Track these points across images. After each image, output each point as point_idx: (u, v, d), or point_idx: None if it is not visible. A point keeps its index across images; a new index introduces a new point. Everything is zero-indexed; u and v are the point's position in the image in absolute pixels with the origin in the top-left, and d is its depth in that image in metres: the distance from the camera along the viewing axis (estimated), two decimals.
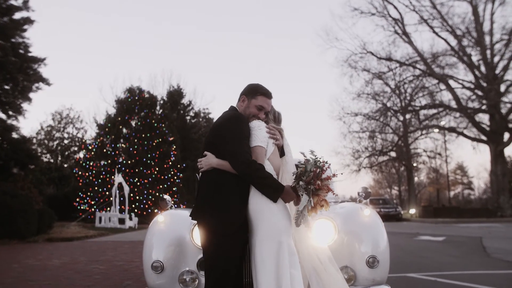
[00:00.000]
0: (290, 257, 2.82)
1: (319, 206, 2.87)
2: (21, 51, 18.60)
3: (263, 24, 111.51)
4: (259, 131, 3.06)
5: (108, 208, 23.31)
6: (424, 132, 41.70)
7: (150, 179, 27.99)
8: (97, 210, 23.16)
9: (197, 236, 3.59)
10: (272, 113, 3.34)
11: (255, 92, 3.18)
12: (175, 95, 37.36)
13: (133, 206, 26.00)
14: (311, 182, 2.81)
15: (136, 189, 26.77)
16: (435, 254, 10.42)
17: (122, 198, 23.04)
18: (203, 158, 3.02)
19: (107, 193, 25.37)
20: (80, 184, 27.85)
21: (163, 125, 30.51)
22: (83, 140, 35.68)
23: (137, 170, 28.00)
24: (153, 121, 29.97)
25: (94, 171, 27.98)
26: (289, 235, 2.94)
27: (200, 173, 3.08)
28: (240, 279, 3.00)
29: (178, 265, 3.68)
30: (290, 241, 2.91)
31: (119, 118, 29.77)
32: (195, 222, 3.17)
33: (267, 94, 3.20)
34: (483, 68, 34.29)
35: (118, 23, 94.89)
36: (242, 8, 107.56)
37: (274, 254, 2.78)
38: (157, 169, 28.55)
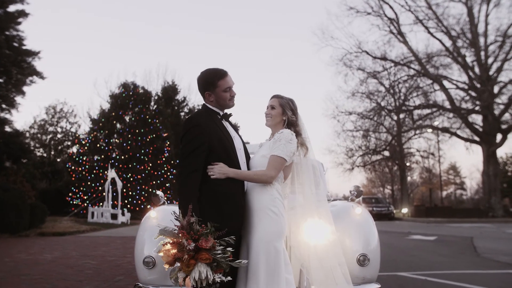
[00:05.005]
0: (284, 262, 2.87)
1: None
2: (15, 44, 18.49)
3: (259, 21, 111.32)
4: (289, 145, 3.06)
5: (101, 203, 23.28)
6: (417, 132, 41.85)
7: (143, 174, 27.93)
8: (90, 205, 23.12)
9: None
10: (289, 108, 3.26)
11: (212, 82, 3.10)
12: (170, 91, 37.23)
13: (126, 201, 25.94)
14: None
15: (129, 185, 26.70)
16: (426, 253, 10.49)
17: (115, 194, 22.99)
18: (214, 165, 2.94)
19: (100, 188, 25.32)
20: (73, 178, 27.75)
21: (157, 121, 30.43)
22: (77, 135, 35.54)
23: (130, 165, 27.92)
24: (147, 117, 29.89)
25: (87, 166, 27.89)
26: (284, 238, 3.00)
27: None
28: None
29: None
30: (283, 245, 2.96)
31: (113, 113, 29.67)
32: None
33: (223, 75, 3.11)
34: (477, 69, 34.44)
35: (114, 18, 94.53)
36: (238, 6, 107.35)
37: (271, 259, 2.81)
38: (150, 164, 28.49)
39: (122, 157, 28.13)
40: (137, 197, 26.93)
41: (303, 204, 3.28)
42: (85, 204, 24.03)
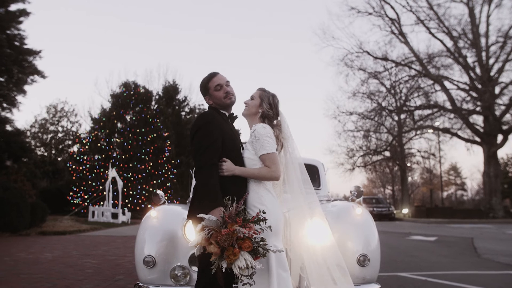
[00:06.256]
0: (277, 259, 2.84)
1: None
2: (16, 43, 18.47)
3: (259, 21, 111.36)
4: (268, 138, 3.04)
5: (102, 203, 23.28)
6: (418, 132, 41.84)
7: (144, 174, 27.96)
8: (90, 204, 23.12)
9: (189, 232, 3.61)
10: (267, 101, 3.21)
11: (205, 86, 3.24)
12: (171, 90, 37.31)
13: (127, 201, 25.97)
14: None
15: (129, 184, 26.73)
16: (426, 254, 10.48)
17: (115, 193, 22.99)
18: (224, 162, 2.98)
19: (100, 187, 25.33)
20: (74, 178, 27.79)
21: (158, 120, 30.47)
22: (78, 134, 35.60)
23: (131, 165, 27.96)
24: (148, 116, 29.92)
25: (88, 165, 27.92)
26: (279, 236, 2.97)
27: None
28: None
29: (170, 260, 3.69)
30: (278, 243, 2.93)
31: (114, 113, 29.70)
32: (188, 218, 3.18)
33: (211, 76, 3.23)
34: (478, 70, 34.41)
35: (115, 18, 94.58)
36: (239, 6, 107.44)
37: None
38: (151, 164, 28.52)
39: (123, 157, 28.16)
40: (138, 196, 26.96)
41: (295, 205, 3.27)
42: (86, 203, 24.04)
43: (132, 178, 27.38)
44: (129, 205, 25.42)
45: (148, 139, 29.03)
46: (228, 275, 2.69)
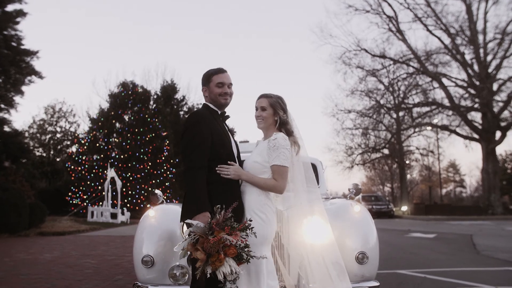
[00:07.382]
0: (266, 270, 2.83)
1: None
2: (13, 43, 18.44)
3: (258, 20, 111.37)
4: (286, 151, 3.01)
5: (101, 203, 23.25)
6: (417, 129, 41.87)
7: (142, 174, 27.92)
8: (89, 204, 23.09)
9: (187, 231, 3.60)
10: (280, 107, 3.16)
11: (208, 77, 3.18)
12: (169, 90, 37.23)
13: (126, 201, 25.94)
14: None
15: (128, 184, 26.69)
16: (426, 251, 10.50)
17: (114, 193, 22.97)
18: (230, 166, 2.95)
19: (99, 187, 25.29)
20: (73, 178, 27.72)
21: (156, 120, 30.41)
22: (76, 134, 35.49)
23: (129, 164, 27.91)
24: (146, 116, 29.86)
25: (86, 166, 27.87)
26: (269, 246, 2.97)
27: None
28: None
29: (169, 259, 3.69)
30: (268, 252, 2.91)
31: (112, 113, 29.63)
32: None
33: (219, 71, 3.18)
34: (476, 67, 34.43)
35: (113, 18, 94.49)
36: (237, 5, 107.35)
37: (251, 265, 2.73)
38: (150, 164, 28.48)
39: (122, 156, 28.12)
40: (137, 196, 26.93)
41: (296, 203, 3.24)
42: (85, 204, 24.00)
43: (131, 178, 27.34)
44: (128, 205, 25.38)
45: (147, 138, 28.98)
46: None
